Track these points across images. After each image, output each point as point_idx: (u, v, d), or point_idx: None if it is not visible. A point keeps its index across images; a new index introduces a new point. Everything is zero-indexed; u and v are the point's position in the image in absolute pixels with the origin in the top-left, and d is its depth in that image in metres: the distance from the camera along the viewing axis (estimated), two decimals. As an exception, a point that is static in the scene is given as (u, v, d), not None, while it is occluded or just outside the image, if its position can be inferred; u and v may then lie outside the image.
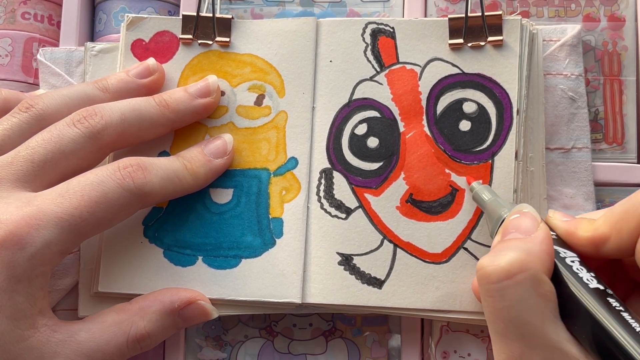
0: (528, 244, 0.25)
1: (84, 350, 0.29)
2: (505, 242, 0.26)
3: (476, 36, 0.33)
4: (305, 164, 0.34)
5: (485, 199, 0.30)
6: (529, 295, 0.24)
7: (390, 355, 0.35)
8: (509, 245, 0.25)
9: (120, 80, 0.33)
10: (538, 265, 0.24)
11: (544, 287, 0.24)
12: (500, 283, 0.24)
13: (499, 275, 0.24)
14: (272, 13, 0.38)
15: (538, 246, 0.25)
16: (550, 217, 0.28)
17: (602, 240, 0.26)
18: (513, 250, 0.24)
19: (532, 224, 0.26)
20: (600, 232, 0.26)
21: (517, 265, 0.24)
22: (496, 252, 0.25)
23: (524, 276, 0.24)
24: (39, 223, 0.27)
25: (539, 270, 0.24)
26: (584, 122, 0.34)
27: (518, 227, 0.26)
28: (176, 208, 0.34)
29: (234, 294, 0.33)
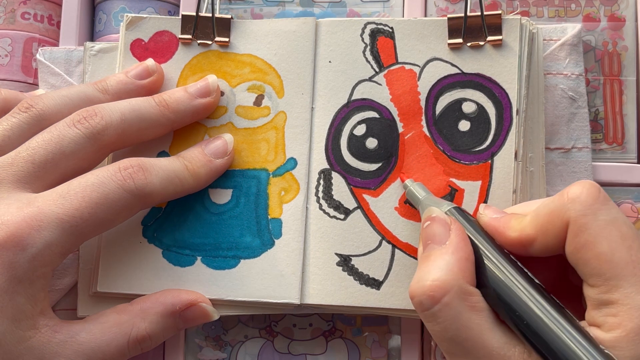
0: (445, 257, 0.26)
1: (84, 350, 0.29)
2: (424, 260, 0.26)
3: (475, 36, 0.33)
4: (304, 164, 0.34)
5: (419, 197, 0.30)
6: (459, 312, 0.24)
7: (390, 355, 0.35)
8: (429, 266, 0.26)
9: (120, 81, 0.33)
10: (459, 278, 0.25)
11: (471, 298, 0.25)
12: (431, 309, 0.25)
13: (427, 302, 0.25)
14: (272, 13, 0.38)
15: (455, 256, 0.26)
16: (481, 214, 0.29)
17: (528, 241, 0.26)
18: (433, 271, 0.25)
19: (444, 230, 0.27)
20: (526, 234, 0.26)
21: (441, 288, 0.24)
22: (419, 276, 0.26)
23: (450, 296, 0.24)
24: (40, 224, 0.27)
25: (462, 283, 0.25)
26: (584, 122, 0.34)
27: (432, 236, 0.27)
28: (175, 208, 0.34)
29: (233, 295, 0.33)
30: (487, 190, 0.32)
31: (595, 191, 0.25)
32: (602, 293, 0.24)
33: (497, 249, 0.26)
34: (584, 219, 0.24)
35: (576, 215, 0.24)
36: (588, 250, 0.24)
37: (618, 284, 0.23)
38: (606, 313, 0.24)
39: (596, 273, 0.24)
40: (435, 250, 0.26)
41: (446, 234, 0.27)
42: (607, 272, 0.24)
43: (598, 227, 0.24)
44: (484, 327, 0.24)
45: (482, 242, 0.27)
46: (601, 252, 0.24)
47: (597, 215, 0.24)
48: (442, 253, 0.26)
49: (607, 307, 0.24)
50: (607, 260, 0.24)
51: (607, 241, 0.24)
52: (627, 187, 0.35)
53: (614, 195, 0.35)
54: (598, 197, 0.25)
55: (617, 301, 0.23)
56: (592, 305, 0.24)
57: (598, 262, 0.24)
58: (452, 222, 0.27)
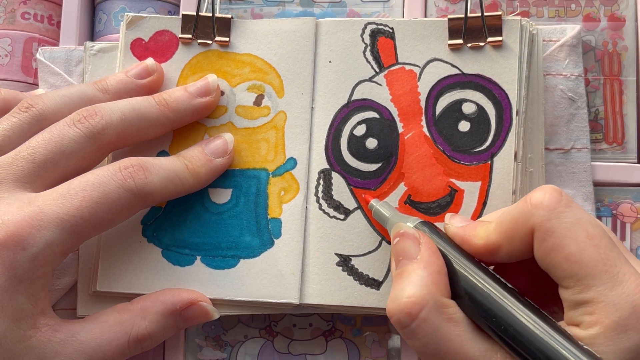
0: (417, 272, 0.26)
1: (85, 350, 0.29)
2: (398, 277, 0.26)
3: (476, 37, 0.33)
4: (304, 164, 0.34)
5: (387, 215, 0.30)
6: (438, 326, 0.25)
7: (389, 355, 0.35)
8: (403, 282, 0.26)
9: (120, 81, 0.34)
10: (434, 292, 0.25)
11: (448, 310, 0.25)
12: (410, 326, 0.25)
13: (405, 320, 0.25)
14: (272, 13, 0.38)
15: (427, 270, 0.26)
16: (447, 224, 0.29)
17: (494, 249, 0.26)
18: (407, 287, 0.25)
19: (413, 245, 0.27)
20: (491, 241, 0.26)
21: (417, 304, 0.25)
22: (394, 295, 0.26)
23: (427, 311, 0.25)
24: (40, 224, 0.27)
25: (438, 297, 0.25)
26: (584, 122, 0.34)
27: (403, 252, 0.27)
28: (175, 207, 0.34)
29: (232, 294, 0.33)
30: (486, 191, 0.32)
31: (557, 195, 0.25)
32: (577, 293, 0.24)
33: (467, 258, 0.27)
34: (548, 224, 0.25)
35: (541, 220, 0.25)
36: (557, 253, 0.24)
37: (591, 282, 0.24)
38: (583, 312, 0.24)
39: (568, 275, 0.24)
40: (408, 266, 0.26)
41: (416, 248, 0.27)
42: (579, 273, 0.24)
43: (564, 229, 0.24)
44: (463, 338, 0.25)
45: (452, 253, 0.27)
46: (570, 254, 0.24)
47: (561, 218, 0.25)
48: (414, 268, 0.26)
49: (583, 306, 0.24)
50: (576, 261, 0.24)
51: (575, 242, 0.24)
52: (627, 187, 0.35)
53: (614, 195, 0.35)
54: (560, 200, 0.25)
55: (591, 300, 0.24)
56: (569, 306, 0.25)
57: (568, 264, 0.24)
58: (421, 236, 0.27)
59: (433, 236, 0.28)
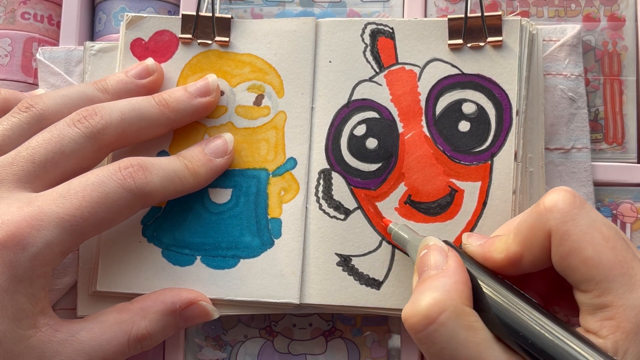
0: (441, 279, 0.25)
1: (85, 349, 0.29)
2: (421, 284, 0.26)
3: (476, 37, 0.33)
4: (304, 164, 0.34)
5: (406, 238, 0.30)
6: (456, 332, 0.24)
7: (389, 355, 0.35)
8: (425, 287, 0.25)
9: (120, 81, 0.34)
10: (456, 299, 0.24)
11: (468, 318, 0.24)
12: (426, 330, 0.24)
13: (422, 323, 0.24)
14: (272, 13, 0.38)
15: (452, 279, 0.25)
16: (465, 244, 0.29)
17: (516, 259, 0.26)
18: (429, 292, 0.25)
19: (441, 256, 0.27)
20: (512, 252, 0.26)
21: (436, 307, 0.24)
22: (414, 297, 0.25)
23: (446, 315, 0.24)
24: (40, 223, 0.27)
25: (459, 304, 0.24)
26: (584, 122, 0.34)
27: (429, 263, 0.27)
28: (175, 207, 0.34)
29: (233, 294, 0.33)
30: (486, 191, 0.32)
31: (571, 197, 0.25)
32: (595, 297, 0.24)
33: (491, 275, 0.26)
34: (564, 227, 0.24)
35: (556, 223, 0.24)
36: (574, 257, 0.24)
37: (609, 286, 0.23)
38: (602, 317, 0.24)
39: (586, 279, 0.24)
40: (432, 275, 0.26)
41: (443, 260, 0.26)
42: (597, 276, 0.24)
43: (580, 232, 0.24)
44: (482, 347, 0.24)
45: (476, 270, 0.26)
46: (587, 257, 0.24)
47: (577, 220, 0.24)
48: (438, 277, 0.25)
49: (602, 310, 0.24)
50: (594, 265, 0.24)
51: (592, 245, 0.24)
52: (627, 187, 0.35)
53: (614, 195, 0.35)
54: (574, 202, 0.25)
55: (611, 303, 0.23)
56: (587, 311, 0.24)
57: (586, 268, 0.24)
58: (449, 250, 0.27)
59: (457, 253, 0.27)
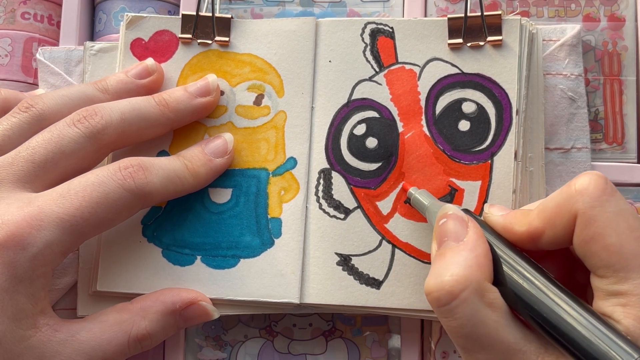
0: (462, 253, 0.25)
1: (85, 349, 0.29)
2: (441, 257, 0.26)
3: (475, 36, 0.33)
4: (304, 164, 0.34)
5: (425, 204, 0.30)
6: (477, 309, 0.24)
7: (390, 355, 0.35)
8: (446, 262, 0.25)
9: (120, 81, 0.34)
10: (478, 275, 0.25)
11: (489, 295, 0.25)
12: (449, 305, 0.25)
13: (445, 298, 0.25)
14: (272, 13, 0.38)
15: (473, 252, 0.25)
16: (487, 213, 0.29)
17: (537, 235, 0.26)
18: (451, 267, 0.25)
19: (461, 226, 0.27)
20: (534, 227, 0.26)
21: (460, 283, 0.24)
22: (436, 272, 0.25)
23: (469, 292, 0.24)
24: (40, 224, 0.27)
25: (481, 280, 0.25)
26: (584, 122, 0.34)
27: (449, 233, 0.27)
28: (175, 207, 0.34)
29: (233, 294, 0.33)
30: (487, 190, 0.32)
31: (603, 182, 0.25)
32: (612, 284, 0.24)
33: (510, 247, 0.26)
34: (592, 211, 0.24)
35: (584, 207, 0.24)
36: (597, 242, 0.24)
37: (627, 275, 0.24)
38: (615, 303, 0.24)
39: (605, 265, 0.24)
40: (453, 247, 0.26)
41: (463, 230, 0.27)
42: (617, 264, 0.24)
43: (606, 219, 0.24)
44: (500, 324, 0.24)
45: (495, 241, 0.27)
46: (610, 244, 0.24)
47: (605, 207, 0.24)
48: (460, 249, 0.26)
49: (617, 297, 0.24)
50: (616, 252, 0.24)
51: (616, 233, 0.24)
52: (627, 187, 0.35)
53: (614, 195, 0.35)
54: (605, 188, 0.25)
55: (626, 292, 0.24)
56: (601, 296, 0.24)
57: (607, 254, 0.24)
58: (469, 219, 0.27)
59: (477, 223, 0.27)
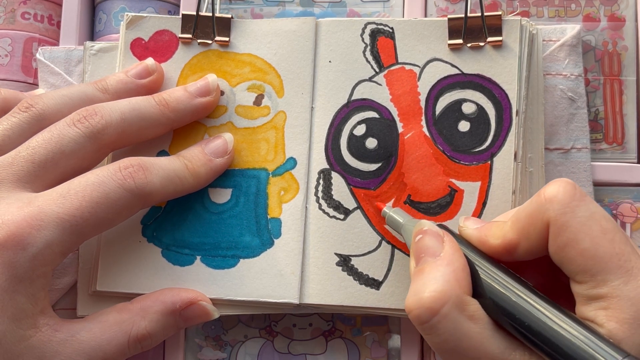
0: (440, 269, 0.25)
1: (85, 349, 0.29)
2: (419, 273, 0.26)
3: (475, 36, 0.33)
4: (303, 164, 0.34)
5: (400, 221, 0.30)
6: (459, 323, 0.24)
7: (390, 355, 0.35)
8: (424, 278, 0.25)
9: (120, 80, 0.34)
10: (457, 289, 0.25)
11: (469, 308, 0.25)
12: (430, 322, 0.24)
13: (425, 315, 0.25)
14: (272, 13, 0.38)
15: (450, 267, 0.25)
16: (462, 226, 0.29)
17: (512, 246, 0.26)
18: (429, 284, 0.25)
19: (437, 242, 0.27)
20: (509, 239, 0.26)
21: (439, 299, 0.24)
22: (415, 289, 0.25)
23: (448, 307, 0.24)
24: (40, 223, 0.27)
25: (460, 294, 0.25)
26: (584, 122, 0.34)
27: (425, 249, 0.27)
28: (175, 207, 0.34)
29: (232, 294, 0.33)
30: (486, 191, 0.32)
31: (571, 188, 0.25)
32: (591, 288, 0.24)
33: (486, 258, 0.26)
34: (563, 218, 0.24)
35: (555, 214, 0.25)
36: (571, 248, 0.24)
37: (605, 278, 0.24)
38: (597, 307, 0.24)
39: (582, 270, 0.24)
40: (430, 263, 0.26)
41: (439, 246, 0.27)
42: (593, 268, 0.24)
43: (578, 224, 0.24)
44: (484, 335, 0.24)
45: (472, 254, 0.27)
46: (584, 249, 0.24)
47: (576, 212, 0.24)
48: (437, 265, 0.26)
49: (597, 301, 0.24)
50: (591, 256, 0.24)
51: (589, 237, 0.24)
52: (627, 187, 0.35)
53: (614, 195, 0.35)
54: (574, 194, 0.25)
55: (606, 295, 0.24)
56: (582, 301, 0.24)
57: (583, 259, 0.24)
58: (444, 234, 0.27)
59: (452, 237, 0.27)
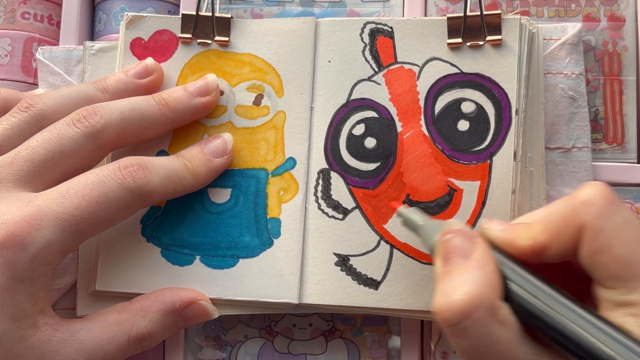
0: (472, 271, 0.25)
1: (85, 349, 0.29)
2: (449, 275, 0.25)
3: (475, 35, 0.33)
4: (303, 164, 0.34)
5: (418, 223, 0.29)
6: (490, 328, 0.24)
7: (389, 355, 0.35)
8: (456, 281, 0.25)
9: (119, 80, 0.34)
10: (489, 292, 0.24)
11: (501, 313, 0.24)
12: (460, 325, 0.24)
13: (456, 318, 0.24)
14: (272, 13, 0.38)
15: (482, 270, 0.25)
16: (486, 228, 0.28)
17: (542, 248, 0.26)
18: (462, 286, 0.24)
19: (469, 242, 0.26)
20: (539, 241, 0.26)
21: (471, 303, 0.24)
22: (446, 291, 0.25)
23: (481, 311, 0.24)
24: (40, 223, 0.27)
25: (492, 298, 0.24)
26: (584, 121, 0.34)
27: (456, 250, 0.26)
28: (174, 207, 0.34)
29: (232, 294, 0.33)
30: (485, 191, 0.32)
31: (608, 192, 0.25)
32: (621, 295, 0.24)
33: (514, 261, 0.26)
34: (599, 222, 0.24)
35: (590, 218, 0.24)
36: (605, 253, 0.24)
37: (637, 285, 0.23)
38: (625, 314, 0.23)
39: (613, 276, 0.24)
40: (461, 264, 0.25)
41: (470, 247, 0.26)
42: (626, 274, 0.23)
43: (614, 229, 0.24)
44: (513, 341, 0.24)
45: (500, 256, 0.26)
46: (618, 255, 0.24)
47: (612, 217, 0.24)
48: (469, 267, 0.25)
49: (626, 307, 0.23)
50: (624, 263, 0.23)
51: (624, 243, 0.24)
52: (627, 187, 0.35)
53: (614, 195, 0.35)
54: (611, 198, 0.24)
55: (637, 302, 0.23)
56: (609, 307, 0.24)
57: (615, 265, 0.24)
58: (475, 235, 0.26)
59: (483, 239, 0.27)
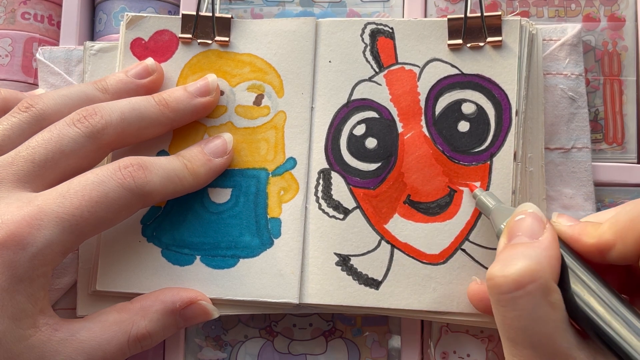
0: (536, 250, 0.25)
1: (85, 349, 0.29)
2: (512, 247, 0.26)
3: (475, 37, 0.33)
4: (303, 164, 0.34)
5: (490, 206, 0.30)
6: (539, 305, 0.24)
7: (390, 355, 0.35)
8: (518, 253, 0.25)
9: (119, 80, 0.34)
10: (547, 273, 0.24)
11: (553, 295, 0.24)
12: (511, 293, 0.24)
13: (509, 286, 0.24)
14: (272, 13, 0.38)
15: (546, 252, 0.25)
16: (555, 221, 0.28)
17: (607, 247, 0.26)
18: (522, 259, 0.24)
19: (539, 226, 0.26)
20: (605, 239, 0.26)
21: (528, 276, 0.24)
22: (505, 259, 0.25)
23: (535, 286, 0.24)
24: (40, 223, 0.27)
25: (549, 279, 0.24)
26: (584, 122, 0.34)
27: (524, 229, 0.26)
28: (174, 207, 0.34)
29: (232, 294, 0.33)
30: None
31: None
32: None
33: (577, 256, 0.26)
34: None
35: None
36: None
37: None
38: None
39: None
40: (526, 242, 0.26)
41: (540, 230, 0.26)
42: None
43: None
44: (558, 327, 0.24)
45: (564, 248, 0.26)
46: None
47: None
48: (533, 245, 0.25)
49: None
50: None
51: None
52: (627, 187, 0.35)
53: (614, 195, 0.35)
54: None
55: None
56: None
57: None
58: (547, 222, 0.27)
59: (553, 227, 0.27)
